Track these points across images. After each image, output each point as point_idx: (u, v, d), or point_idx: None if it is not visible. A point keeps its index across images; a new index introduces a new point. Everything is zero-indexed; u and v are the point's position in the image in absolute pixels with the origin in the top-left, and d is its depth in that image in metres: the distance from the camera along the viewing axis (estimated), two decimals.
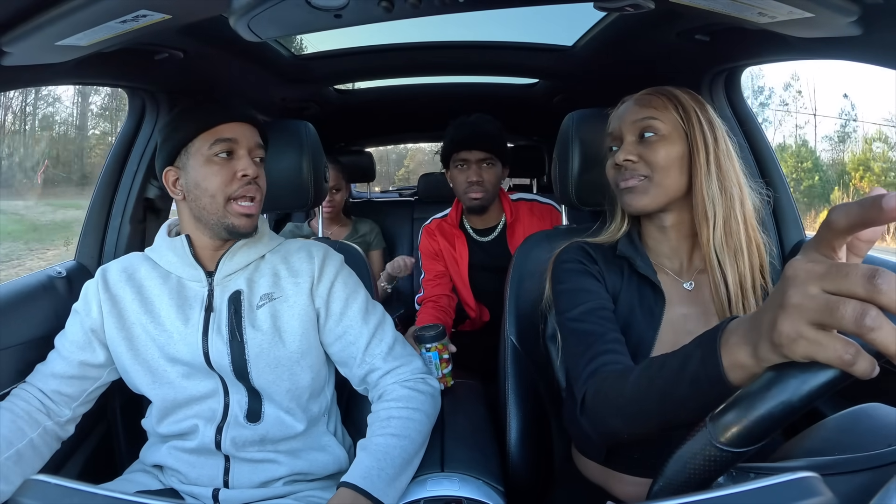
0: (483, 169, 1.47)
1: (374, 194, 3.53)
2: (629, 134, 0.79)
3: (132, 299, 0.88)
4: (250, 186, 0.86)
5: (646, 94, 0.80)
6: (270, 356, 0.86)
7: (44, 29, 0.68)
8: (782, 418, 0.37)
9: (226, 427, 0.86)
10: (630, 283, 0.80)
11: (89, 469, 1.00)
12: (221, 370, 0.86)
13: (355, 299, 0.93)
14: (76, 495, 0.37)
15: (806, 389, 0.37)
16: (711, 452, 0.40)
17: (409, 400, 0.86)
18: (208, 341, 0.85)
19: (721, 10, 0.72)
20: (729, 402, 0.40)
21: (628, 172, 0.78)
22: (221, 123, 0.85)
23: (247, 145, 0.86)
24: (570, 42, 1.48)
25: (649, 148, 0.77)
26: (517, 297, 1.04)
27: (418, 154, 17.95)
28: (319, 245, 0.97)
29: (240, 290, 0.88)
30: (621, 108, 0.82)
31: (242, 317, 0.87)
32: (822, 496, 0.32)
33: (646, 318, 0.78)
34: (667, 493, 0.43)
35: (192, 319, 0.86)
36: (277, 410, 0.88)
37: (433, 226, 1.62)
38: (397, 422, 0.82)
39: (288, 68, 1.48)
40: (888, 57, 0.79)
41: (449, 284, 1.57)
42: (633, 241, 0.84)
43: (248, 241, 0.91)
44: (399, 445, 0.79)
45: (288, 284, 0.90)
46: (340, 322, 0.91)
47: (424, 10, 0.75)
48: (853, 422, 0.59)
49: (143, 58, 1.02)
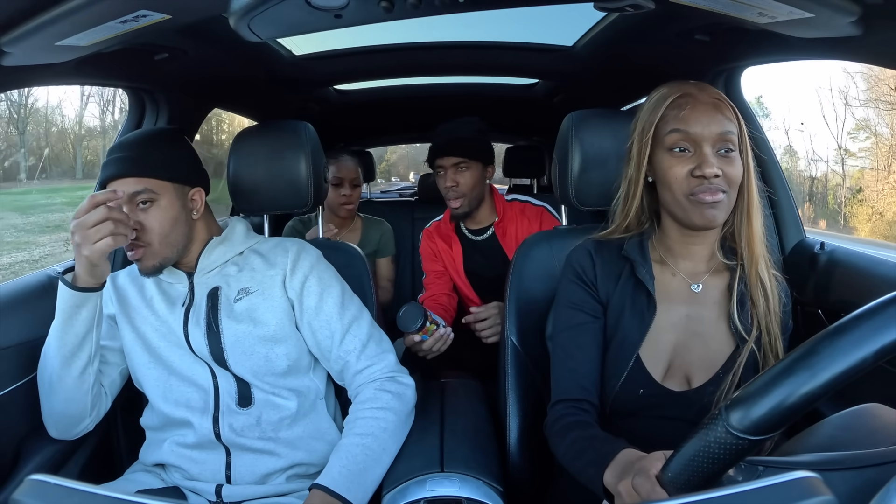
0: (458, 173, 1.46)
1: (374, 194, 3.53)
2: (708, 144, 0.74)
3: (135, 296, 0.96)
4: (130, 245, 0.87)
5: (714, 97, 0.76)
6: (245, 344, 0.90)
7: (44, 29, 0.68)
8: (801, 405, 0.38)
9: (221, 416, 0.89)
10: (626, 286, 0.81)
11: (89, 469, 1.00)
12: (202, 356, 0.91)
13: (330, 294, 0.95)
14: (76, 495, 0.37)
15: (825, 377, 0.37)
16: (727, 441, 0.40)
17: (374, 400, 0.89)
18: (188, 331, 0.91)
19: (721, 10, 0.72)
20: (745, 390, 0.41)
21: (713, 186, 0.73)
22: (109, 181, 0.88)
23: (128, 199, 0.86)
24: (570, 42, 1.48)
25: (729, 163, 0.74)
26: (517, 297, 1.04)
27: (399, 148, 17.96)
28: (296, 240, 1.01)
29: (218, 287, 0.94)
30: (696, 109, 0.74)
31: (219, 310, 0.92)
32: (822, 496, 0.32)
33: (635, 321, 0.79)
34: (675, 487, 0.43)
35: (176, 312, 0.93)
36: (266, 393, 0.91)
37: (431, 229, 1.65)
38: (362, 422, 0.87)
39: (288, 68, 1.48)
40: (888, 57, 0.79)
41: (449, 283, 1.58)
42: (642, 246, 0.82)
43: (221, 239, 0.96)
44: (361, 444, 0.83)
45: (264, 277, 0.94)
46: (316, 317, 0.93)
47: (424, 10, 0.75)
48: (855, 420, 0.59)
49: (143, 58, 1.02)
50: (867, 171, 11.72)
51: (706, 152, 0.73)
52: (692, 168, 0.74)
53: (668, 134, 0.75)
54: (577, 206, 1.03)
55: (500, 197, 1.57)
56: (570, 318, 0.83)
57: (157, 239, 0.88)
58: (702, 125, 0.74)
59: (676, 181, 0.75)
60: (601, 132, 1.01)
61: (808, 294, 1.10)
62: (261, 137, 1.11)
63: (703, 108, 0.74)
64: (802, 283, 1.11)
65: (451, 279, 1.58)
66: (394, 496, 0.79)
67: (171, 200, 0.89)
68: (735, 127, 0.75)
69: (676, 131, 0.75)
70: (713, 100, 0.75)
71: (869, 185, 11.55)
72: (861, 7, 0.67)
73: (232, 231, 0.99)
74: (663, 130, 0.76)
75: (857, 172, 11.93)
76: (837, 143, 12.37)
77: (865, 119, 11.87)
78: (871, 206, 11.31)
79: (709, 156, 0.73)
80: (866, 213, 11.37)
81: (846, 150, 12.16)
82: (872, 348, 0.38)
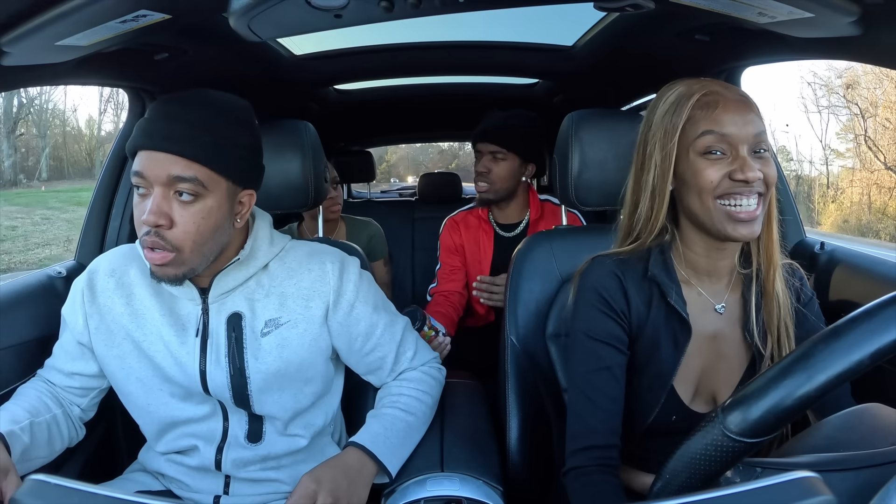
0: (493, 162, 1.47)
1: (374, 194, 3.52)
2: (745, 146, 0.67)
3: (122, 312, 0.78)
4: (149, 237, 0.68)
5: (741, 95, 0.70)
6: (274, 386, 0.79)
7: (44, 29, 0.68)
8: (797, 408, 0.38)
9: (226, 447, 0.82)
10: (658, 312, 0.74)
11: (89, 469, 1.00)
12: (220, 397, 0.80)
13: (378, 314, 0.85)
14: (76, 495, 0.37)
15: (821, 379, 0.38)
16: (723, 443, 0.40)
17: (420, 382, 0.89)
18: (206, 370, 0.77)
19: (721, 10, 0.72)
20: (741, 393, 0.41)
21: (751, 191, 0.67)
22: (140, 150, 0.69)
23: (157, 180, 0.68)
24: (570, 42, 1.48)
25: (766, 164, 0.68)
26: (517, 297, 1.04)
27: (399, 148, 17.95)
28: (333, 254, 0.85)
29: (240, 314, 0.78)
30: (729, 108, 0.68)
31: (245, 347, 0.77)
32: (822, 496, 0.32)
33: (669, 346, 0.74)
34: (672, 488, 0.43)
35: (188, 343, 0.77)
36: (279, 432, 0.83)
37: (458, 218, 1.61)
38: (407, 399, 0.86)
39: (288, 68, 1.48)
40: (888, 57, 0.79)
41: (463, 280, 1.56)
42: (665, 264, 0.74)
43: (246, 253, 0.78)
44: (405, 420, 0.83)
45: (297, 307, 0.80)
46: (367, 342, 0.85)
47: (424, 10, 0.75)
48: (854, 421, 0.59)
49: (143, 58, 1.02)
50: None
51: (744, 154, 0.67)
52: (729, 172, 0.67)
53: (701, 136, 0.68)
54: (577, 205, 1.03)
55: (535, 194, 1.56)
56: (597, 354, 0.74)
57: (191, 245, 0.69)
58: (738, 126, 0.67)
59: (710, 185, 0.68)
60: (601, 132, 1.01)
61: None
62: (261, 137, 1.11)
63: (736, 107, 0.68)
64: None
65: (467, 275, 1.57)
66: (394, 496, 0.79)
67: (221, 201, 0.71)
68: (764, 126, 0.69)
69: (710, 133, 0.67)
70: (742, 97, 0.69)
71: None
72: (861, 7, 0.67)
73: (255, 238, 0.80)
74: (692, 133, 0.68)
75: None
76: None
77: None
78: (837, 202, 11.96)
79: (748, 158, 0.67)
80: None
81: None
82: (868, 351, 0.38)
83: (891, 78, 10.45)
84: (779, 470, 0.35)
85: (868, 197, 11.54)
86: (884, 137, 11.42)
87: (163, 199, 0.68)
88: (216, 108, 0.72)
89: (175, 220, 0.68)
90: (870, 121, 11.71)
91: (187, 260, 0.70)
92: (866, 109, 11.83)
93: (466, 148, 22.76)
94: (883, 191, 11.30)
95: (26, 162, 13.53)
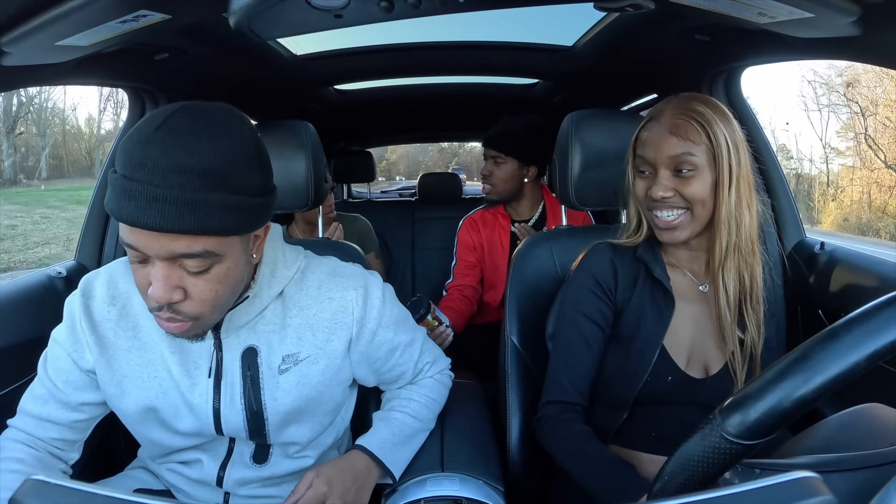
0: (494, 165, 1.58)
1: (374, 194, 3.52)
2: (664, 167, 0.78)
3: (126, 348, 0.71)
4: (162, 313, 0.60)
5: (679, 118, 0.77)
6: (292, 422, 0.76)
7: (44, 29, 0.68)
8: (795, 410, 0.38)
9: (230, 465, 0.78)
10: (644, 286, 0.85)
11: (89, 469, 1.00)
12: (234, 435, 0.76)
13: (399, 335, 0.82)
14: (76, 495, 0.37)
15: (819, 381, 0.38)
16: (721, 445, 0.40)
17: (431, 390, 0.90)
18: (220, 412, 0.72)
19: (721, 10, 0.72)
20: (739, 394, 0.41)
21: (665, 206, 0.79)
22: (123, 222, 0.56)
23: (158, 256, 0.57)
24: (570, 42, 1.48)
25: (685, 183, 0.77)
26: (517, 297, 1.04)
27: (399, 147, 18.00)
28: (355, 277, 0.78)
29: (255, 349, 0.72)
30: (654, 133, 0.78)
31: (262, 386, 0.72)
32: (822, 496, 0.32)
33: (654, 319, 0.82)
34: (671, 490, 0.43)
35: (199, 385, 0.71)
36: (286, 454, 0.80)
37: (476, 216, 1.69)
38: (416, 405, 0.87)
39: (288, 68, 1.48)
40: (888, 57, 0.79)
41: (478, 276, 1.65)
42: (652, 248, 0.86)
43: (252, 296, 0.71)
44: (413, 426, 0.85)
45: (318, 340, 0.74)
46: (387, 362, 0.83)
47: (424, 10, 0.75)
48: (854, 421, 0.60)
49: (143, 58, 1.02)
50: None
51: (660, 174, 0.78)
52: (649, 188, 0.80)
53: (636, 157, 0.82)
54: (577, 205, 1.03)
55: (548, 191, 1.65)
56: (578, 325, 0.85)
57: (210, 310, 0.62)
58: (656, 149, 0.78)
59: (640, 199, 0.83)
60: (601, 132, 1.01)
61: (808, 294, 1.10)
62: (261, 137, 1.11)
63: (661, 132, 0.78)
64: (802, 283, 1.11)
65: (482, 271, 1.64)
66: (394, 496, 0.79)
67: (237, 257, 0.62)
68: (700, 146, 0.76)
69: (638, 155, 0.82)
70: (679, 122, 0.77)
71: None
72: (861, 7, 0.67)
73: (265, 265, 0.72)
74: (636, 152, 0.83)
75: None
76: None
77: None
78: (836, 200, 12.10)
79: (661, 178, 0.78)
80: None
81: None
82: (866, 352, 0.38)
83: (891, 76, 10.52)
84: (778, 471, 0.35)
85: (868, 195, 11.63)
86: (884, 136, 11.50)
87: (169, 272, 0.57)
88: (213, 142, 0.56)
89: (189, 292, 0.59)
90: (870, 119, 11.79)
91: (209, 322, 0.64)
92: (867, 108, 11.90)
93: (466, 147, 22.79)
94: (883, 189, 11.38)
95: (26, 161, 13.57)
